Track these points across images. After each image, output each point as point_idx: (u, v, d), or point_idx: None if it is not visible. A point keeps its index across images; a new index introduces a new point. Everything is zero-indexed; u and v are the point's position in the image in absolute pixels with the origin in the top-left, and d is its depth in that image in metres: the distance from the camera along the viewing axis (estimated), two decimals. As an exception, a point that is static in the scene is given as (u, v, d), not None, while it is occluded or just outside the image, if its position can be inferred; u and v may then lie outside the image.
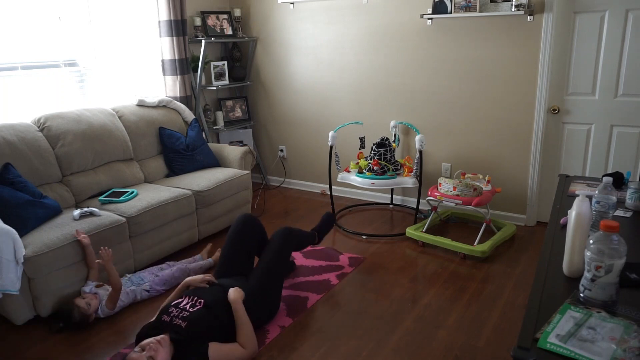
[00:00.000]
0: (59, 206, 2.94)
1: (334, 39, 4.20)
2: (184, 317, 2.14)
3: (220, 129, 4.55)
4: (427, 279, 2.97)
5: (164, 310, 2.23)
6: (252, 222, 2.74)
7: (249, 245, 2.69)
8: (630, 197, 1.87)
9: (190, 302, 2.25)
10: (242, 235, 2.68)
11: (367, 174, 3.56)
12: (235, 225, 2.71)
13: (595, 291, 1.24)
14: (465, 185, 3.22)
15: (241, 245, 2.66)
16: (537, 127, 3.50)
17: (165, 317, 2.17)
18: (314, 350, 2.32)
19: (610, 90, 3.26)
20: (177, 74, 4.06)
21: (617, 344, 1.09)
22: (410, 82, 3.93)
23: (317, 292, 2.84)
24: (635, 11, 3.08)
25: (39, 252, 2.49)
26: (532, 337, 1.13)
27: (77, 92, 3.66)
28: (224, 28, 4.49)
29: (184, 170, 3.77)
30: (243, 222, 2.71)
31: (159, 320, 2.18)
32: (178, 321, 2.13)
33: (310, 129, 4.60)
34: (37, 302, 2.55)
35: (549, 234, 1.71)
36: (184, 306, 2.22)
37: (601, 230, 1.22)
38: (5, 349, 2.43)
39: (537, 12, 3.31)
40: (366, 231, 3.70)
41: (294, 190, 4.81)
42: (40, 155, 3.05)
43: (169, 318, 2.16)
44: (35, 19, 3.30)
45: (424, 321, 2.54)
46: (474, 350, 2.29)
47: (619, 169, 3.33)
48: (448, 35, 3.66)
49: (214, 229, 3.60)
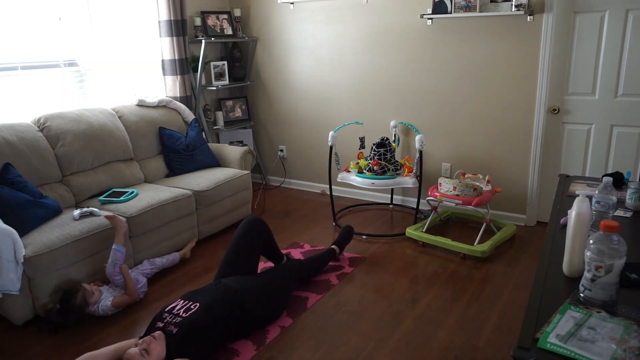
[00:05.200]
0: (59, 206, 2.94)
1: (334, 38, 4.20)
2: (176, 323, 2.15)
3: (220, 129, 4.55)
4: (427, 279, 2.97)
5: (157, 317, 2.24)
6: (259, 226, 2.74)
7: (254, 248, 2.71)
8: (630, 197, 1.87)
9: (184, 306, 2.25)
10: (248, 238, 2.68)
11: (367, 174, 3.56)
12: (242, 227, 2.71)
13: (595, 291, 1.24)
14: (465, 185, 3.21)
15: (246, 248, 2.67)
16: (537, 127, 3.50)
17: (159, 324, 2.19)
18: (314, 350, 2.32)
19: (610, 90, 3.25)
20: (177, 74, 4.06)
21: (617, 344, 1.09)
22: (410, 82, 3.93)
23: (317, 292, 2.84)
24: (635, 11, 3.08)
25: (39, 252, 2.49)
26: (532, 337, 1.13)
27: (77, 92, 3.66)
28: (224, 28, 4.49)
29: (184, 170, 3.77)
30: (250, 225, 2.71)
31: (153, 326, 2.20)
32: (171, 327, 2.14)
33: (310, 129, 4.60)
34: (37, 302, 2.55)
35: (549, 234, 1.71)
36: (178, 311, 2.22)
37: (601, 230, 1.22)
38: (5, 349, 2.43)
39: (537, 12, 3.31)
40: (366, 231, 3.70)
41: (294, 190, 4.80)
42: (40, 155, 3.05)
43: (163, 324, 2.18)
44: (35, 19, 3.30)
45: (424, 321, 2.53)
46: (474, 350, 2.29)
47: (619, 169, 3.32)
48: (448, 36, 3.66)
49: (214, 229, 3.60)
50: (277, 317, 2.56)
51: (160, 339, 2.06)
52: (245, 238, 2.67)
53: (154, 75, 4.13)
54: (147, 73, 4.10)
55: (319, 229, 3.80)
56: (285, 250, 3.30)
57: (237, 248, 2.65)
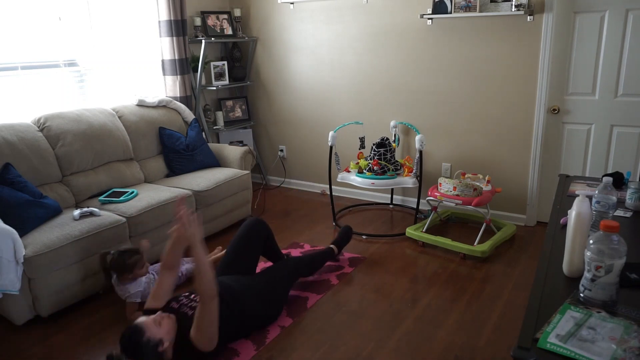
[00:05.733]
0: (59, 206, 2.94)
1: (334, 39, 4.20)
2: (192, 307, 2.17)
3: (220, 129, 4.55)
4: (427, 279, 2.97)
5: (173, 298, 2.26)
6: (261, 227, 2.77)
7: (255, 249, 2.73)
8: (630, 197, 1.87)
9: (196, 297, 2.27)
10: (249, 238, 2.71)
11: (367, 174, 3.56)
12: (244, 228, 2.73)
13: (595, 291, 1.24)
14: (465, 185, 3.21)
15: (247, 248, 2.69)
16: (537, 127, 3.50)
17: (174, 304, 2.21)
18: (314, 350, 2.32)
19: (610, 90, 3.25)
20: (177, 74, 4.06)
21: (617, 344, 1.09)
22: (410, 82, 3.93)
23: (317, 292, 2.84)
24: (635, 11, 3.08)
25: (39, 252, 2.49)
26: (532, 337, 1.13)
27: (77, 92, 3.66)
28: (224, 28, 4.49)
29: (183, 170, 3.77)
30: (252, 226, 2.74)
31: (167, 306, 2.21)
32: (186, 309, 2.17)
33: (310, 129, 4.60)
34: (37, 302, 2.55)
35: (549, 234, 1.71)
36: (195, 297, 2.25)
37: (601, 230, 1.22)
38: (5, 349, 2.43)
39: (537, 12, 3.30)
40: (366, 231, 3.70)
41: (294, 190, 4.80)
42: (40, 155, 3.05)
43: (178, 305, 2.20)
44: (35, 19, 3.30)
45: (424, 321, 2.53)
46: (474, 350, 2.29)
47: (619, 169, 3.32)
48: (448, 35, 3.66)
49: (214, 229, 3.60)
50: (276, 316, 2.57)
51: (173, 321, 2.09)
52: (247, 238, 2.69)
53: (154, 75, 4.12)
54: (147, 73, 4.10)
55: (319, 229, 3.80)
56: (285, 250, 3.31)
57: (238, 248, 2.67)
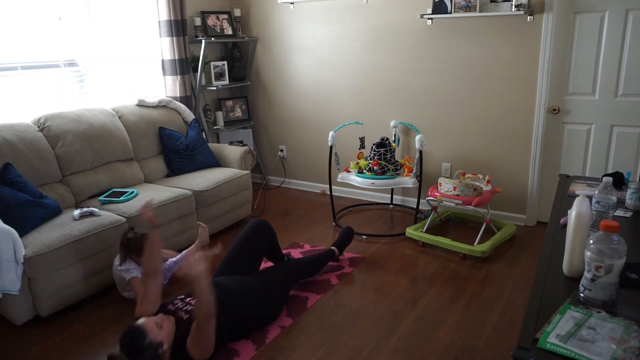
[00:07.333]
0: (59, 206, 2.94)
1: (334, 39, 4.20)
2: (187, 311, 2.17)
3: (220, 129, 4.55)
4: (427, 279, 2.97)
5: (169, 301, 2.27)
6: (266, 229, 2.77)
7: (259, 250, 2.72)
8: (630, 197, 1.87)
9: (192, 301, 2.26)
10: (254, 239, 2.70)
11: (367, 174, 3.56)
12: (249, 229, 2.72)
13: (595, 291, 1.24)
14: (465, 185, 3.21)
15: (251, 249, 2.68)
16: (537, 127, 3.50)
17: (170, 307, 2.21)
18: (314, 350, 2.32)
19: (610, 90, 3.25)
20: (177, 74, 4.06)
21: (617, 344, 1.09)
22: (410, 82, 3.93)
23: (317, 292, 2.84)
24: (635, 11, 3.08)
25: (39, 252, 2.49)
26: (532, 337, 1.13)
27: (77, 92, 3.65)
28: (224, 28, 4.49)
29: (184, 170, 3.77)
30: (257, 227, 2.73)
31: (163, 307, 2.21)
32: (181, 313, 2.17)
33: (310, 129, 4.60)
34: (37, 302, 2.55)
35: (549, 234, 1.71)
36: (190, 301, 2.25)
37: (601, 230, 1.22)
38: (5, 349, 2.43)
39: (537, 12, 3.30)
40: (366, 231, 3.70)
41: (294, 191, 4.80)
42: (40, 155, 3.05)
43: (174, 308, 2.20)
44: (35, 19, 3.30)
45: (424, 321, 2.53)
46: (474, 350, 2.29)
47: (619, 169, 3.32)
48: (448, 35, 3.66)
49: (214, 229, 3.60)
50: (276, 317, 2.57)
51: (172, 323, 2.09)
52: (252, 239, 2.69)
53: (154, 75, 4.12)
54: (147, 73, 4.10)
55: (319, 229, 3.80)
56: (285, 250, 3.30)
57: (242, 248, 2.66)
